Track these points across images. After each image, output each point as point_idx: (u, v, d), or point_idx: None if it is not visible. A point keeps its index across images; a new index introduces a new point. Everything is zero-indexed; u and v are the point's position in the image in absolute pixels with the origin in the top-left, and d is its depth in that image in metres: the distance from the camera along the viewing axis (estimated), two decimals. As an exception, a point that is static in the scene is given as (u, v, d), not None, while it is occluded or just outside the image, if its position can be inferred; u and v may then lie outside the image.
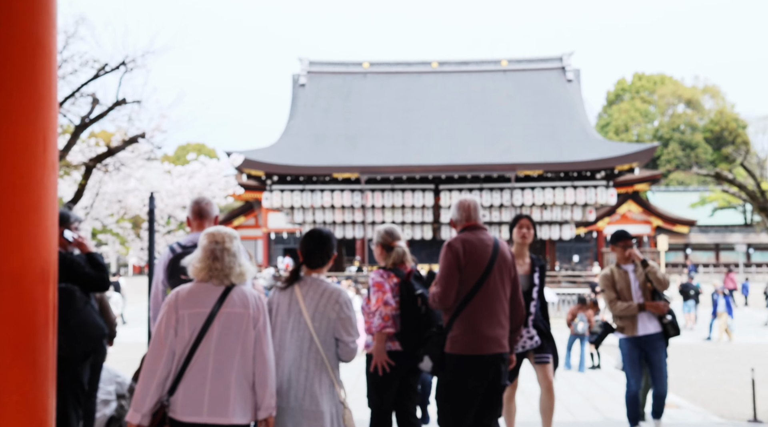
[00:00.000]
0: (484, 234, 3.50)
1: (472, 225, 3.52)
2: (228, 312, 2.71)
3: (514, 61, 23.33)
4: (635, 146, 19.15)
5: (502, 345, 3.46)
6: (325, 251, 3.01)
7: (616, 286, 5.20)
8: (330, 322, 2.92)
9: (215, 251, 2.76)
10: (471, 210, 3.56)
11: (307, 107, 22.29)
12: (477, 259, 3.37)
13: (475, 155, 19.56)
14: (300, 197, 19.98)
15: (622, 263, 5.25)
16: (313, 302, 2.92)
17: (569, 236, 20.56)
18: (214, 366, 2.67)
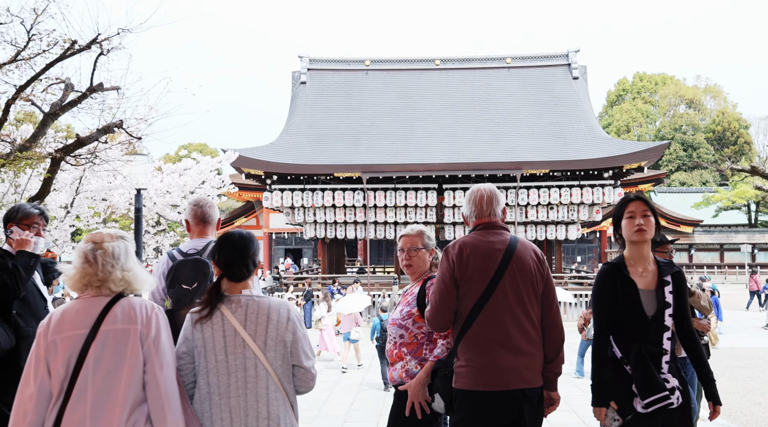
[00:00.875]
0: (498, 235, 2.81)
1: (485, 223, 2.85)
2: (108, 330, 2.11)
3: (518, 58, 22.87)
4: (644, 144, 18.69)
5: (524, 378, 2.66)
6: (248, 258, 2.37)
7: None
8: (286, 347, 2.31)
9: (88, 253, 2.19)
10: (483, 203, 2.87)
11: (308, 105, 21.82)
12: (480, 267, 2.70)
13: (479, 154, 19.09)
14: (300, 197, 19.50)
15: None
16: (259, 326, 2.27)
17: (575, 236, 20.10)
18: (93, 402, 2.05)
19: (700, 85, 63.09)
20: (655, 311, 2.72)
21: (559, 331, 2.83)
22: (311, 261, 37.22)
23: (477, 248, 2.76)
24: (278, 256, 40.03)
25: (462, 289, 2.74)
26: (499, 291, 2.70)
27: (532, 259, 2.82)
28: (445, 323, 2.79)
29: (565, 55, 22.76)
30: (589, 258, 38.47)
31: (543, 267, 2.85)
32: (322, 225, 20.61)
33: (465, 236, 2.88)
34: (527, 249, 2.83)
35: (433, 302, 2.80)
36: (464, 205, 3.04)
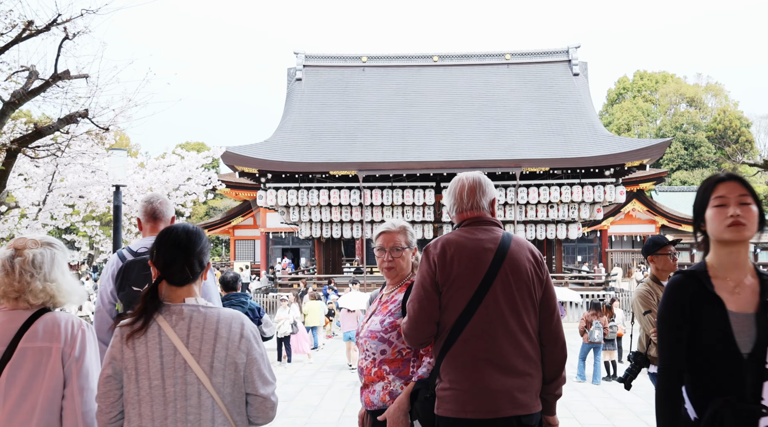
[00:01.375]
0: (487, 232, 2.37)
1: (472, 218, 2.41)
2: (27, 348, 1.85)
3: (518, 54, 22.49)
4: (646, 141, 18.30)
5: (519, 403, 2.22)
6: (193, 257, 1.94)
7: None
8: (238, 371, 1.88)
9: (6, 260, 1.93)
10: (464, 193, 2.43)
11: (303, 102, 21.43)
12: (466, 270, 2.27)
13: (478, 151, 18.71)
14: (295, 195, 19.11)
15: (663, 278, 4.29)
16: (205, 344, 1.84)
17: (576, 235, 19.72)
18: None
19: (701, 83, 62.74)
20: (754, 346, 1.81)
21: (561, 346, 2.39)
22: (309, 261, 36.86)
23: (463, 247, 2.33)
24: (275, 256, 39.66)
25: (445, 296, 2.31)
26: (489, 299, 2.27)
27: (529, 260, 2.38)
28: (426, 337, 2.34)
29: (565, 51, 22.38)
30: (590, 258, 38.09)
31: (541, 270, 2.41)
32: (318, 224, 20.22)
33: (449, 233, 2.44)
34: (523, 248, 2.40)
35: (411, 312, 2.34)
36: (445, 197, 2.60)
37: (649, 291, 4.28)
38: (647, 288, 4.29)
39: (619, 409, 8.57)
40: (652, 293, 4.27)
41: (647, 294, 4.27)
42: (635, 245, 38.13)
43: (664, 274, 4.28)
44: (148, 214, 3.33)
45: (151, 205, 3.33)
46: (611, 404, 8.89)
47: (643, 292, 4.30)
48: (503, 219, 19.28)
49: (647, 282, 4.36)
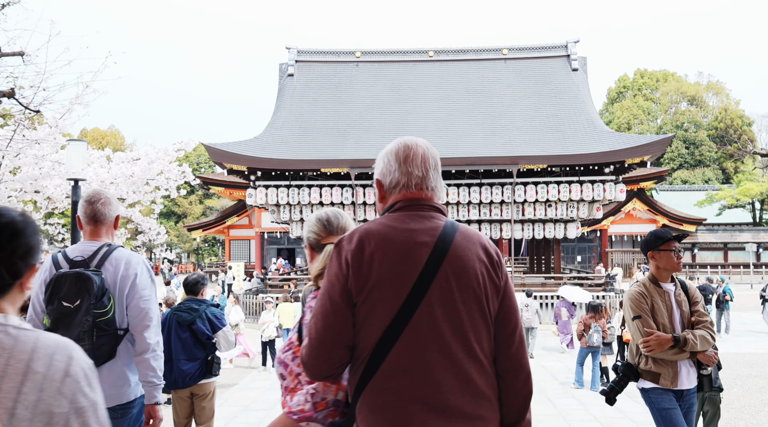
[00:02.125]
0: (424, 220, 1.76)
1: (408, 200, 1.80)
2: None
3: (515, 49, 21.95)
4: (647, 138, 17.75)
5: None
6: (13, 256, 1.32)
7: (655, 314, 3.65)
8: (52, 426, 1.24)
9: None
10: (420, 162, 1.83)
11: (295, 98, 20.90)
12: (392, 273, 1.66)
13: (474, 148, 18.16)
14: (286, 194, 18.57)
15: (663, 278, 3.75)
16: (6, 382, 1.23)
17: (575, 234, 19.16)
18: None
19: (702, 81, 62.19)
20: None
21: (525, 378, 1.78)
22: (305, 261, 36.31)
23: (388, 241, 1.70)
24: (271, 256, 39.13)
25: (361, 310, 1.67)
26: (423, 313, 1.65)
27: (481, 260, 1.75)
28: (332, 367, 1.70)
29: (564, 45, 21.84)
30: (590, 258, 37.55)
31: (498, 273, 1.78)
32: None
33: (370, 222, 1.79)
34: (472, 243, 1.77)
35: (312, 332, 1.70)
36: (377, 165, 1.94)
37: (642, 293, 3.72)
38: (641, 290, 3.74)
39: (620, 418, 8.03)
40: (645, 296, 3.71)
41: (639, 297, 3.71)
42: (636, 244, 37.60)
43: (665, 274, 3.73)
44: (88, 216, 3.02)
45: (92, 206, 3.01)
46: (610, 412, 8.35)
47: (635, 294, 3.74)
48: (500, 218, 18.75)
49: (642, 282, 3.79)
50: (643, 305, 3.66)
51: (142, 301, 2.98)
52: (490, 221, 19.20)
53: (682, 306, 3.70)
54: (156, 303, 3.11)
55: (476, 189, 18.15)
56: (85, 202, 3.04)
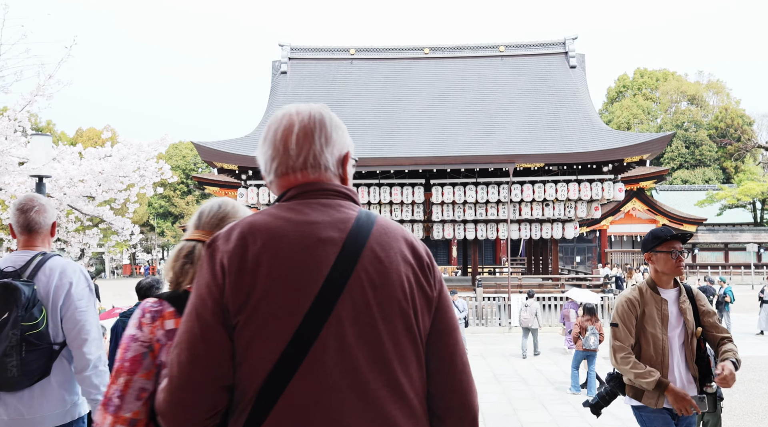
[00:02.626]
0: (328, 209, 1.34)
1: (303, 185, 1.37)
2: None
3: (512, 46, 21.57)
4: (646, 135, 17.38)
5: None
6: None
7: (645, 324, 3.26)
8: None
9: None
10: (294, 138, 1.38)
11: (288, 96, 20.52)
12: (285, 281, 1.24)
13: (470, 147, 17.79)
14: (277, 193, 18.18)
15: (663, 283, 3.34)
16: None
17: (573, 234, 18.78)
18: None
19: (702, 81, 61.82)
20: None
21: (472, 420, 1.37)
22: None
23: (280, 237, 1.27)
24: (267, 256, 38.72)
25: (243, 335, 1.23)
26: (329, 337, 1.23)
27: (407, 261, 1.34)
28: (203, 416, 1.23)
29: (562, 42, 21.46)
30: (589, 258, 37.18)
31: (431, 278, 1.37)
32: (302, 223, 19.32)
33: (256, 213, 1.36)
34: (395, 239, 1.35)
35: (175, 367, 1.24)
36: (259, 147, 1.47)
37: (631, 300, 3.33)
38: (632, 296, 3.35)
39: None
40: (635, 303, 3.31)
41: (627, 304, 3.33)
42: (635, 245, 37.24)
43: (665, 278, 3.34)
44: (22, 225, 2.80)
45: (24, 215, 2.79)
46: (608, 421, 7.98)
47: (624, 300, 3.36)
48: (496, 218, 18.37)
49: (638, 287, 3.40)
50: (629, 312, 3.30)
51: (77, 312, 2.71)
52: (487, 221, 18.82)
53: (686, 315, 3.30)
54: (95, 315, 2.81)
55: (472, 188, 17.77)
56: (17, 211, 2.80)
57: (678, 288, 3.38)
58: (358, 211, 1.37)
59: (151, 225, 59.80)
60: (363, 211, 1.38)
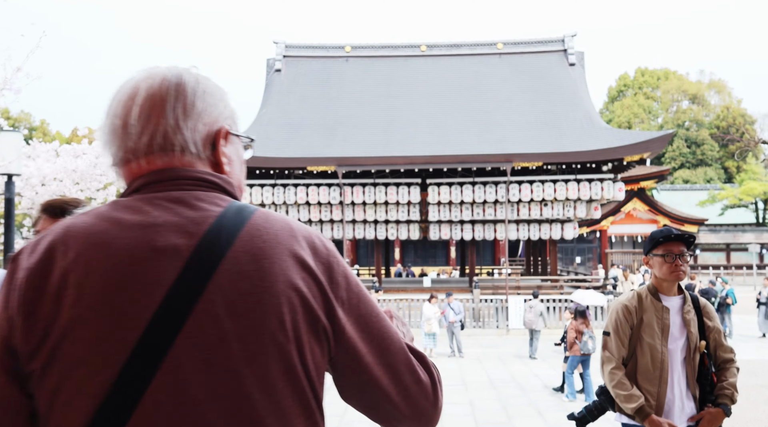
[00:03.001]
0: (176, 206, 0.95)
1: (152, 173, 0.98)
2: None
3: (510, 43, 21.23)
4: (647, 134, 17.02)
5: None
6: None
7: (642, 333, 2.92)
8: None
9: None
10: (138, 111, 0.98)
11: (282, 94, 20.19)
12: (100, 307, 0.86)
13: (467, 145, 17.44)
14: (271, 193, 17.86)
15: (665, 289, 2.99)
16: None
17: (572, 235, 18.43)
18: None
19: (704, 80, 61.40)
20: None
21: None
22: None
23: (100, 247, 0.89)
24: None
25: (43, 387, 0.86)
26: (161, 389, 0.85)
27: (293, 274, 0.93)
28: None
29: (561, 40, 21.11)
30: (589, 259, 36.81)
31: (335, 293, 0.99)
32: (296, 224, 18.97)
33: (78, 215, 0.95)
34: (276, 243, 0.95)
35: None
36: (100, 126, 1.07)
37: (628, 308, 3.00)
38: (629, 303, 3.01)
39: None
40: (633, 311, 2.98)
41: (623, 310, 3.00)
42: (636, 245, 36.86)
43: (667, 284, 3.00)
44: None
45: None
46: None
47: (620, 306, 3.03)
48: (494, 218, 18.03)
49: (637, 292, 3.05)
50: (622, 322, 2.99)
51: None
52: (484, 221, 18.48)
53: (690, 327, 2.95)
54: None
55: (469, 188, 17.43)
56: None
57: (683, 296, 3.04)
58: (226, 206, 0.97)
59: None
60: (233, 205, 0.98)
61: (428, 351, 13.96)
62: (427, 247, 34.79)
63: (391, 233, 18.60)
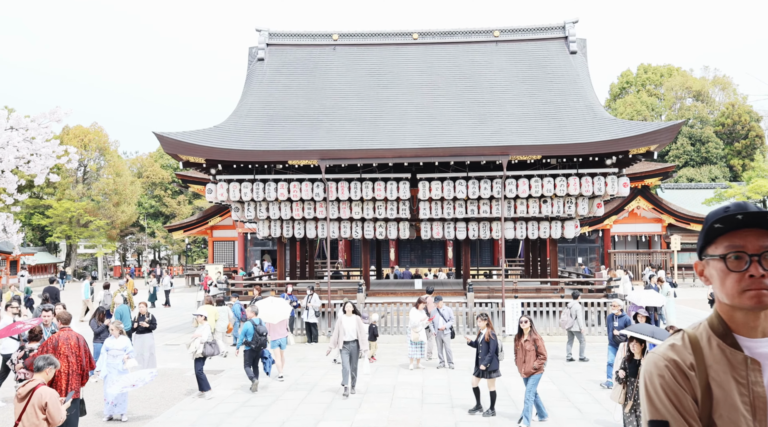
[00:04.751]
0: None
1: None
2: None
3: (507, 30, 19.98)
4: (654, 124, 15.74)
5: None
6: None
7: (715, 415, 1.49)
8: None
9: None
10: None
11: (264, 84, 18.95)
12: None
13: (460, 137, 16.19)
14: (250, 189, 16.63)
15: (743, 326, 1.56)
16: None
17: (573, 234, 17.19)
18: None
19: (708, 76, 60.12)
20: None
21: None
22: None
23: None
24: (255, 258, 37.20)
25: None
26: None
27: None
28: None
29: (561, 26, 19.85)
30: (591, 259, 35.52)
31: None
32: (277, 222, 17.72)
33: None
34: None
35: None
36: None
37: (682, 366, 1.58)
38: (680, 356, 1.59)
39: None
40: (687, 373, 1.57)
41: (672, 378, 1.57)
42: (640, 245, 35.58)
43: (745, 317, 1.65)
44: None
45: None
46: None
47: (664, 367, 1.59)
48: (489, 216, 16.78)
49: (689, 335, 1.64)
50: (677, 396, 1.55)
51: None
52: (479, 219, 17.25)
53: None
54: None
55: (462, 183, 16.20)
56: None
57: None
58: None
59: (141, 225, 58.27)
60: None
61: (415, 362, 12.71)
62: (423, 247, 33.52)
63: (380, 232, 17.35)
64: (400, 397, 10.16)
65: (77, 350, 7.96)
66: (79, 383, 7.94)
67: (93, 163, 50.31)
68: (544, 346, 8.57)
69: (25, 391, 5.40)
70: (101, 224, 46.64)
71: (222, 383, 11.52)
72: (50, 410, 5.31)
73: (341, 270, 28.88)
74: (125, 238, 56.92)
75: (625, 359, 7.41)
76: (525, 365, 8.54)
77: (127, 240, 58.15)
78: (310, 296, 15.90)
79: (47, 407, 5.32)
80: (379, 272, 24.96)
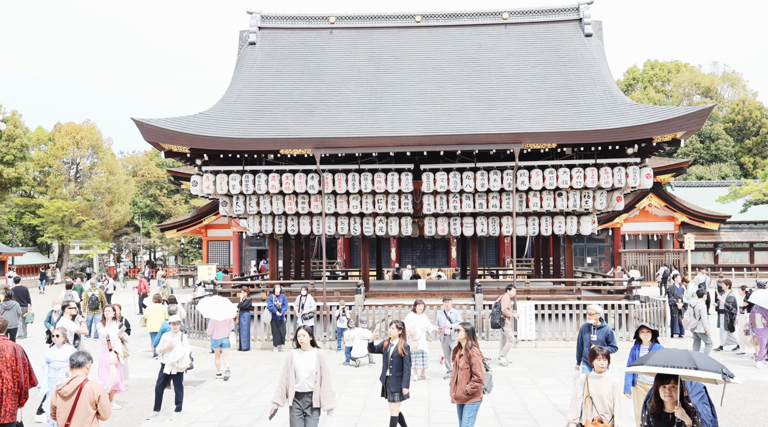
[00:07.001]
0: None
1: None
2: None
3: (517, 12, 18.62)
4: (681, 109, 14.36)
5: None
6: None
7: None
8: None
9: None
10: None
11: (255, 69, 17.60)
12: None
13: (467, 124, 14.83)
14: (238, 181, 15.29)
15: None
16: None
17: (590, 230, 15.83)
18: None
19: (717, 72, 58.69)
20: None
21: None
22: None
23: None
24: (251, 258, 35.86)
25: None
26: None
27: None
28: None
29: (575, 8, 18.50)
30: (601, 260, 34.13)
31: None
32: (269, 217, 16.36)
33: None
34: None
35: None
36: None
37: None
38: None
39: None
40: None
41: None
42: (651, 244, 34.19)
43: None
44: None
45: None
46: None
47: None
48: (499, 211, 15.41)
49: None
50: None
51: None
52: (488, 214, 15.88)
53: None
54: None
55: (470, 175, 14.84)
56: None
57: None
58: None
59: (135, 225, 56.92)
60: None
61: (419, 372, 11.31)
62: (426, 246, 32.15)
63: (380, 228, 15.98)
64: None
65: (13, 363, 6.62)
66: (15, 403, 6.60)
67: (86, 161, 48.97)
68: (480, 364, 6.61)
69: (71, 388, 5.30)
70: (94, 224, 45.29)
71: (201, 396, 10.16)
72: (102, 403, 5.34)
73: (339, 271, 27.49)
74: (120, 238, 55.63)
75: (650, 411, 4.77)
76: (456, 388, 6.64)
77: (121, 240, 56.82)
78: (303, 298, 14.52)
79: (99, 401, 5.33)
80: (379, 272, 23.58)
